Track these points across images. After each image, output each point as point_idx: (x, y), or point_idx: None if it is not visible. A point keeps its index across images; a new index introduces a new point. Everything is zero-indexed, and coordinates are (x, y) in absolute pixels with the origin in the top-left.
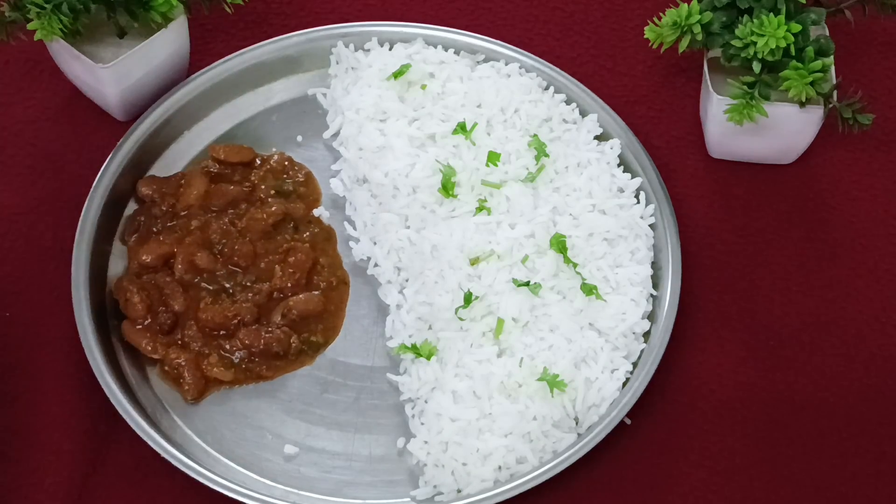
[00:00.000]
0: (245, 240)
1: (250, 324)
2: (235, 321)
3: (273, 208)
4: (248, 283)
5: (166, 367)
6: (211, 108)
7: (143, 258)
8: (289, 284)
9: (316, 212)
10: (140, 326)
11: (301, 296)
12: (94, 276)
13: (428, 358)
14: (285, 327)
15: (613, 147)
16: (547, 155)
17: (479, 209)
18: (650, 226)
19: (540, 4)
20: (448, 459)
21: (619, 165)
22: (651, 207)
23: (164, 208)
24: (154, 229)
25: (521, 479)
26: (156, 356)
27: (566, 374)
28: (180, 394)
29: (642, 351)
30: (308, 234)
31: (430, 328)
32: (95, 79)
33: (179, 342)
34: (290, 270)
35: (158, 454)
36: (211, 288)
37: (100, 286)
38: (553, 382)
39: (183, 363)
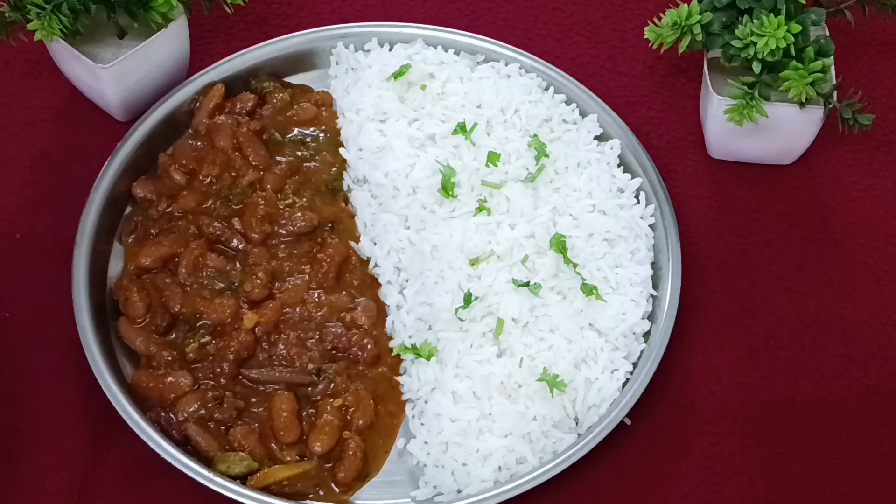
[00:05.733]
0: (257, 207)
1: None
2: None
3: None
4: (260, 280)
5: (154, 364)
6: None
7: (143, 261)
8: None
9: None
10: (137, 325)
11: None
12: (94, 276)
13: (428, 358)
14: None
15: (613, 147)
16: (547, 155)
17: (479, 209)
18: (650, 226)
19: (540, 5)
20: (448, 460)
21: (619, 166)
22: (651, 207)
23: (161, 209)
24: (152, 231)
25: (521, 479)
26: (148, 354)
27: (566, 374)
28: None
29: (642, 351)
30: (336, 231)
31: (430, 328)
32: (95, 79)
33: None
34: (320, 265)
35: (158, 454)
36: (219, 287)
37: (100, 286)
38: (553, 383)
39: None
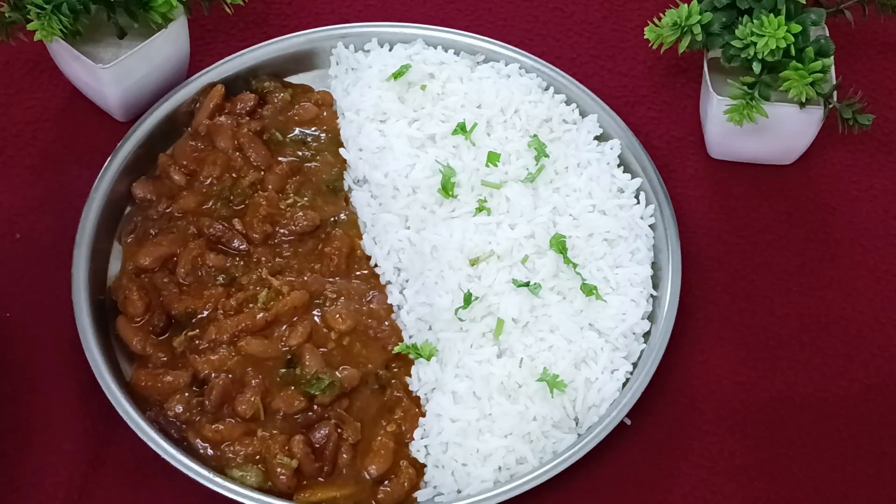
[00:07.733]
0: (259, 207)
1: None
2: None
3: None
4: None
5: (150, 365)
6: None
7: (142, 261)
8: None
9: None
10: (135, 324)
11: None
12: (94, 276)
13: (428, 358)
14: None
15: (613, 147)
16: (547, 155)
17: (479, 210)
18: (650, 226)
19: (540, 5)
20: (448, 460)
21: (619, 166)
22: (651, 208)
23: (161, 210)
24: (151, 231)
25: (521, 479)
26: (143, 354)
27: (566, 374)
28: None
29: (642, 351)
30: (341, 221)
31: (430, 329)
32: (95, 79)
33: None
34: (329, 258)
35: (158, 454)
36: (221, 280)
37: (100, 286)
38: (553, 383)
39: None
